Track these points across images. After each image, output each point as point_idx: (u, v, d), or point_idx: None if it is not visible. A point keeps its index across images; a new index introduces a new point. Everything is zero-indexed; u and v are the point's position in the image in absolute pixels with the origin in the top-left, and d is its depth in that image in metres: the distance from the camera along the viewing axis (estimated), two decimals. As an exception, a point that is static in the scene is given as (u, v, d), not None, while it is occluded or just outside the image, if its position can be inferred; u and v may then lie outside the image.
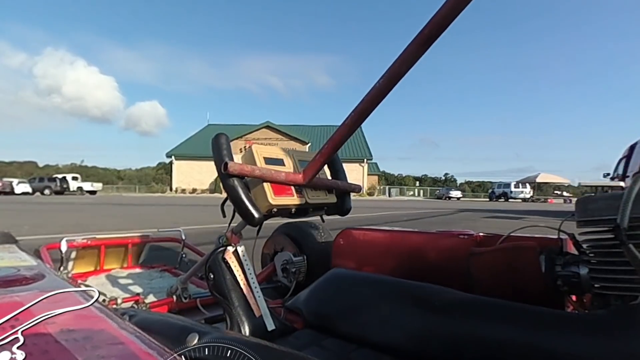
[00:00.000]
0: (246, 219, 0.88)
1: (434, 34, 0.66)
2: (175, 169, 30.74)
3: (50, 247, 1.74)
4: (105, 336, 0.43)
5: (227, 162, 0.84)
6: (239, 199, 0.85)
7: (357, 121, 0.82)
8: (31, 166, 56.32)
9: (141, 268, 2.06)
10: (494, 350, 0.77)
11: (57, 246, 1.68)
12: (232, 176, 0.85)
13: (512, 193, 29.09)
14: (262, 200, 0.90)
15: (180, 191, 29.57)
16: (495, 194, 30.66)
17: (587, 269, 0.87)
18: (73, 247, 1.77)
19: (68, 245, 1.70)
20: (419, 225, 6.89)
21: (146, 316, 0.86)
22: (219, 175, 0.87)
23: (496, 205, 20.57)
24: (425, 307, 0.92)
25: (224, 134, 0.93)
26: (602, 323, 0.72)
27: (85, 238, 1.82)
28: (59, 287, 0.58)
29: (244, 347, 0.46)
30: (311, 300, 1.14)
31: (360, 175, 28.95)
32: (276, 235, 1.84)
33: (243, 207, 0.85)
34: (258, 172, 0.88)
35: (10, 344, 0.37)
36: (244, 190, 0.86)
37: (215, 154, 0.89)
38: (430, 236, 1.29)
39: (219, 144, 0.90)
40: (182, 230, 2.13)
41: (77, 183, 28.60)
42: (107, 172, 59.50)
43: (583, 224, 0.85)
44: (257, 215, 0.86)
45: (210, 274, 1.02)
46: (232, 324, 0.97)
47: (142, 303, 1.41)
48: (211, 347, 0.47)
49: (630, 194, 0.72)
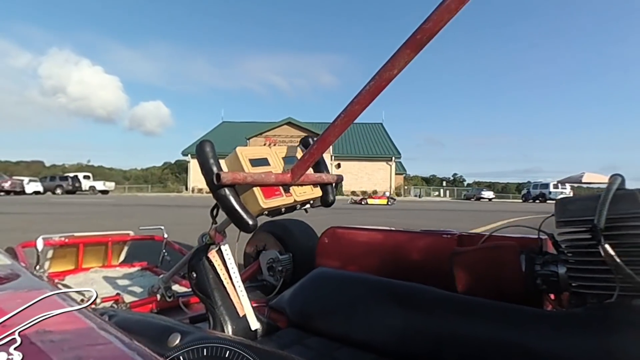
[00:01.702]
0: (241, 227, 0.85)
1: (426, 39, 0.66)
2: (192, 167, 29.54)
3: (26, 245, 1.69)
4: (83, 338, 0.42)
5: (219, 174, 0.81)
6: (232, 208, 0.83)
7: (347, 122, 0.81)
8: (38, 166, 56.32)
9: (122, 267, 2.02)
10: (475, 348, 0.79)
11: (32, 244, 1.60)
12: (223, 186, 0.83)
13: (550, 194, 26.79)
14: (254, 205, 0.88)
15: (197, 190, 28.34)
16: (531, 195, 28.17)
17: (565, 268, 0.89)
18: (50, 246, 1.73)
19: (45, 244, 1.63)
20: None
21: (126, 316, 0.84)
22: (209, 186, 0.84)
23: (538, 207, 17.58)
24: (408, 306, 0.93)
25: (209, 141, 0.88)
26: (578, 321, 0.74)
27: (63, 236, 1.77)
28: (34, 287, 0.60)
29: (227, 346, 0.46)
30: (295, 299, 1.14)
31: (387, 174, 27.36)
32: (259, 233, 1.80)
33: (237, 215, 0.83)
34: (250, 179, 0.86)
35: (7, 345, 0.36)
36: (236, 198, 0.84)
37: (202, 164, 0.85)
38: (414, 235, 1.30)
39: (205, 153, 0.85)
40: (163, 228, 2.08)
41: (89, 182, 27.78)
42: (113, 172, 59.15)
43: (562, 224, 0.87)
44: (252, 222, 0.84)
45: (193, 273, 1.01)
46: (215, 323, 0.96)
47: (123, 303, 1.37)
48: (193, 347, 0.46)
49: (607, 195, 0.76)
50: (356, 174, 27.42)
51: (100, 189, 27.56)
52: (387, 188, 26.77)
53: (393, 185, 27.60)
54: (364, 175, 27.60)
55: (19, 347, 0.36)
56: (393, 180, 27.82)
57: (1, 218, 6.97)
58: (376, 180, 27.41)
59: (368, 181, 27.52)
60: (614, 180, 0.78)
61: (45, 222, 6.25)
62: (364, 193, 26.27)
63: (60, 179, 26.23)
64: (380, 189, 26.74)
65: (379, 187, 26.95)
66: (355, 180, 27.29)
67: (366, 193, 26.22)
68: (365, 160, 27.79)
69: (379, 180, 27.41)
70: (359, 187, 27.00)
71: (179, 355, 0.46)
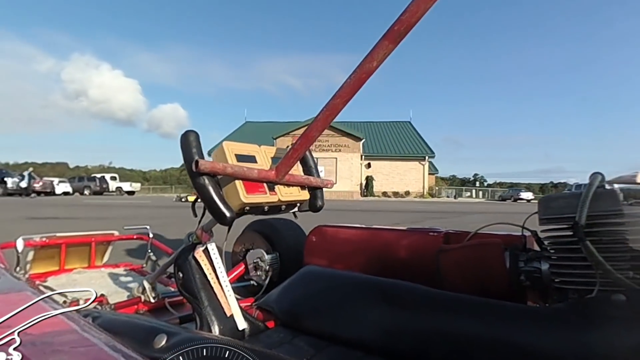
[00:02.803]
0: (217, 219, 0.84)
1: (404, 30, 0.67)
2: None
3: (5, 246, 1.63)
4: (67, 340, 0.42)
5: (197, 160, 0.80)
6: (210, 198, 0.81)
7: (329, 117, 0.81)
8: (63, 167, 57.62)
9: (106, 267, 1.98)
10: (461, 344, 0.80)
11: (12, 245, 1.57)
12: (202, 174, 0.82)
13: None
14: (234, 199, 0.86)
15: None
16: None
17: (548, 265, 0.91)
18: (30, 246, 1.68)
19: (25, 244, 1.59)
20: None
21: (111, 317, 0.82)
22: (189, 174, 0.83)
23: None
24: (395, 304, 0.93)
25: (194, 131, 0.87)
26: (560, 316, 0.76)
27: (44, 236, 1.72)
28: (14, 289, 0.60)
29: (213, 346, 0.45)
30: (283, 298, 1.14)
31: (420, 174, 25.84)
32: (247, 233, 1.79)
33: (214, 206, 0.82)
34: (230, 170, 0.84)
35: (6, 345, 0.36)
36: (215, 189, 0.83)
37: (184, 152, 0.84)
38: (401, 233, 1.30)
39: (188, 142, 0.84)
40: (149, 227, 2.01)
41: (115, 183, 27.68)
42: (133, 173, 59.89)
43: (545, 222, 0.89)
44: (229, 215, 0.82)
45: (180, 273, 1.00)
46: (201, 323, 0.94)
47: (107, 304, 1.33)
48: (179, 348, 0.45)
49: (588, 193, 0.79)
50: (387, 174, 26.03)
51: (127, 190, 27.45)
52: (420, 189, 25.52)
53: (426, 186, 26.25)
54: (396, 176, 26.06)
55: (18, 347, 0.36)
56: (426, 181, 26.37)
57: (62, 225, 6.06)
58: (408, 180, 25.93)
59: (400, 181, 25.93)
60: (595, 178, 0.81)
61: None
62: (395, 194, 25.09)
63: (88, 179, 26.30)
64: (413, 189, 25.50)
65: (411, 187, 25.68)
66: (387, 181, 25.84)
67: (398, 194, 25.03)
68: (397, 159, 26.12)
69: (411, 181, 25.93)
70: (390, 188, 25.74)
71: (166, 357, 0.44)
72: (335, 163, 24.68)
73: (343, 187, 23.93)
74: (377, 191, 25.33)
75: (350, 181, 24.61)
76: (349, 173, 24.78)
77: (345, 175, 24.63)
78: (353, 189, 24.26)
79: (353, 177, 24.83)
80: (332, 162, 24.66)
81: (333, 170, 24.56)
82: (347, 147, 24.64)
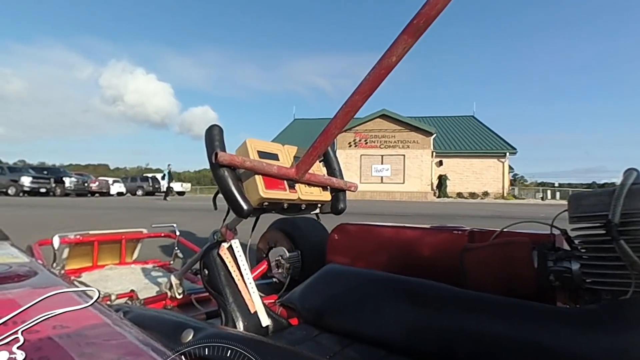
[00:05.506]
0: (235, 211, 0.85)
1: (423, 24, 0.65)
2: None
3: (43, 243, 1.71)
4: (99, 333, 0.43)
5: (217, 152, 0.82)
6: (229, 189, 0.83)
7: (349, 113, 0.81)
8: (104, 169, 58.83)
9: (135, 264, 2.04)
10: (487, 345, 0.78)
11: (49, 242, 1.64)
12: (222, 166, 0.83)
13: None
14: (253, 193, 0.87)
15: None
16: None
17: (578, 264, 0.88)
18: (66, 244, 1.75)
19: (61, 241, 1.66)
20: None
21: (141, 312, 0.85)
22: (210, 166, 0.85)
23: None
24: (419, 302, 0.92)
25: (218, 125, 0.89)
26: (592, 318, 0.73)
27: (78, 234, 1.80)
28: (52, 284, 0.60)
29: (239, 344, 0.46)
30: (306, 295, 1.14)
31: (499, 173, 22.62)
32: (270, 231, 1.82)
33: (232, 198, 0.83)
34: (249, 164, 0.86)
35: (9, 344, 0.36)
36: (234, 181, 0.84)
37: (207, 144, 0.86)
38: (425, 232, 1.28)
39: (212, 135, 0.86)
40: (175, 226, 2.07)
41: (166, 183, 26.71)
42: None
43: (575, 220, 0.86)
44: (246, 207, 0.83)
45: (205, 270, 1.02)
46: (226, 319, 0.96)
47: (137, 299, 1.39)
48: (206, 343, 0.47)
49: (622, 190, 0.75)
50: (461, 172, 22.88)
51: (178, 190, 26.69)
52: (498, 189, 22.49)
53: (506, 186, 23.15)
54: (471, 175, 22.99)
55: (22, 346, 0.36)
56: (507, 180, 23.21)
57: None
58: (486, 180, 22.82)
59: (476, 181, 22.72)
60: (629, 174, 0.77)
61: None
62: (472, 195, 22.22)
63: (141, 179, 26.06)
64: (492, 190, 22.50)
65: (489, 187, 22.65)
66: (461, 180, 22.68)
67: (475, 195, 22.14)
68: (472, 156, 22.83)
69: (489, 180, 22.81)
70: (465, 188, 22.73)
71: (192, 350, 0.46)
72: (402, 161, 22.21)
73: (412, 187, 21.68)
74: (451, 192, 22.54)
75: (420, 180, 22.03)
76: (419, 172, 22.14)
77: (415, 174, 22.06)
78: (423, 189, 21.70)
79: (423, 176, 22.16)
80: (399, 159, 22.24)
81: (400, 168, 22.20)
82: (417, 143, 22.08)
